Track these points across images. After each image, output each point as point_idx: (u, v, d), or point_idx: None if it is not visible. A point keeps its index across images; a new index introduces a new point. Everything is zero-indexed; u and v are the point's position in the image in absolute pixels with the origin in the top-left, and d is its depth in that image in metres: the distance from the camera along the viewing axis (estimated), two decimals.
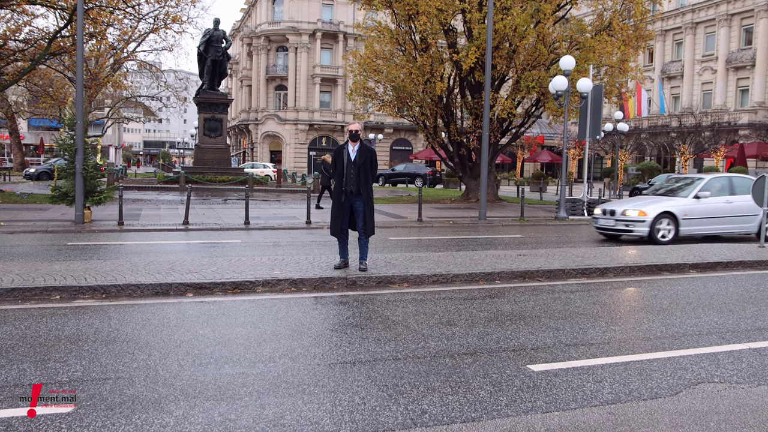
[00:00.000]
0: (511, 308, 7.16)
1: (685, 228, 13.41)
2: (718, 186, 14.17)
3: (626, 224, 13.50)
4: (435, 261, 9.75)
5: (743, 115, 44.71)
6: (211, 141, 34.09)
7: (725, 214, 13.79)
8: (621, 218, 13.61)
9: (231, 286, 7.77)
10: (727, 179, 14.53)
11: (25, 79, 30.05)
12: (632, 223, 13.39)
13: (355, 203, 8.47)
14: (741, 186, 14.30)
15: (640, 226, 13.29)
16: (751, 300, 7.89)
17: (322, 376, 4.76)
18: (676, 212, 13.41)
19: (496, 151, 27.56)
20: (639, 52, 27.43)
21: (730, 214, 13.77)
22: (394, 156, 59.80)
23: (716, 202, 13.82)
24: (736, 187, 14.20)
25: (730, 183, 14.35)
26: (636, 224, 13.34)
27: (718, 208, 13.81)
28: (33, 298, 7.15)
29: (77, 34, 15.75)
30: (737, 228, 14.12)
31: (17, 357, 5.06)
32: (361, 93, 25.69)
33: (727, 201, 13.84)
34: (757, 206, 13.24)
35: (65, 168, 15.76)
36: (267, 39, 59.60)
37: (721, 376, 4.93)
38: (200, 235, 14.34)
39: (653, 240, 13.14)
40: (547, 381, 4.72)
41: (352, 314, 6.86)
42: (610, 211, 14.01)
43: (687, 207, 13.59)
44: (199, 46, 33.86)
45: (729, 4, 46.60)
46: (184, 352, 5.28)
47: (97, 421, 3.86)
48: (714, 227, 13.91)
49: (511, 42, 22.43)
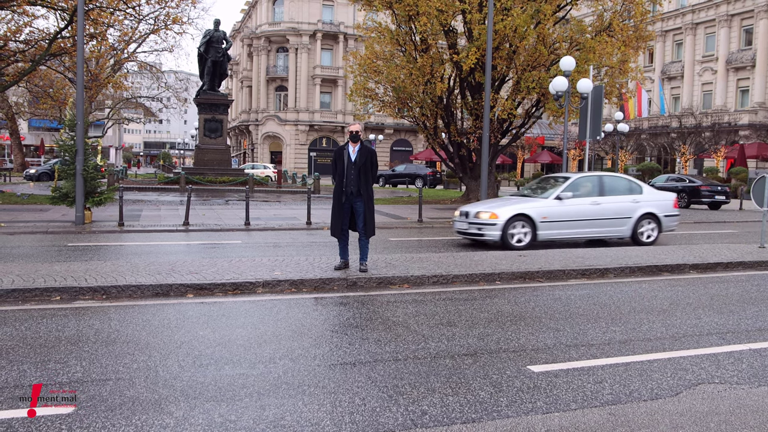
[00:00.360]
0: (512, 309, 7.16)
1: (544, 232, 12.21)
2: (584, 186, 13.15)
3: (479, 227, 12.25)
4: (435, 262, 9.75)
5: (743, 115, 44.70)
6: (212, 142, 34.08)
7: (592, 216, 12.64)
8: (474, 221, 12.35)
9: (231, 287, 7.77)
10: (597, 179, 13.45)
11: (26, 80, 30.07)
12: (484, 227, 12.13)
13: (356, 204, 8.48)
14: (612, 186, 13.36)
15: (491, 230, 12.01)
16: (751, 301, 7.88)
17: (323, 377, 4.76)
18: (532, 214, 12.14)
19: (497, 152, 27.56)
20: (639, 52, 27.43)
21: (599, 217, 12.66)
22: (394, 157, 59.82)
23: (581, 204, 12.67)
24: (606, 187, 13.19)
25: (600, 183, 13.26)
26: (487, 227, 12.07)
27: (584, 211, 12.63)
28: (33, 299, 7.16)
29: (78, 35, 15.76)
30: (608, 232, 13.00)
31: (17, 358, 5.06)
32: (362, 94, 25.69)
33: (595, 202, 12.70)
34: (630, 207, 12.91)
35: (65, 169, 15.76)
36: (267, 40, 59.63)
37: (721, 376, 4.92)
38: (200, 235, 14.34)
39: (506, 245, 11.90)
40: (547, 382, 4.72)
41: (352, 315, 6.86)
42: (465, 213, 12.80)
43: (546, 209, 12.34)
44: (200, 47, 33.87)
45: (729, 4, 46.60)
46: (185, 353, 5.29)
47: (97, 422, 3.86)
48: (579, 231, 12.74)
49: (512, 43, 22.43)
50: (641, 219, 13.00)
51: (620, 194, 13.17)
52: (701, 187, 26.77)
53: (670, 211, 13.56)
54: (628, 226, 12.95)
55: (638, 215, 12.95)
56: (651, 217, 13.10)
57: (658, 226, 13.20)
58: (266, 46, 59.79)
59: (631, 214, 12.91)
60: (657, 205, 13.31)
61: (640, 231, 13.01)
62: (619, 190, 13.30)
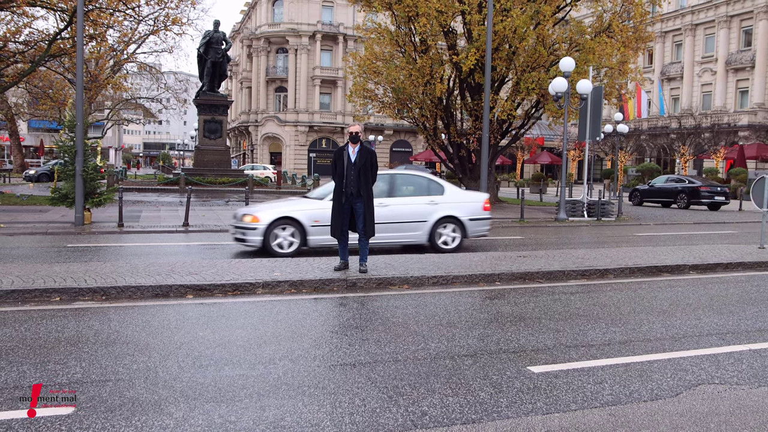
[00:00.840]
0: (511, 310, 7.16)
1: (316, 237, 10.85)
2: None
3: (243, 232, 11.09)
4: (435, 262, 9.74)
5: (743, 116, 44.74)
6: (211, 143, 34.09)
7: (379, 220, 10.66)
8: (239, 225, 11.23)
9: (231, 288, 7.77)
10: (388, 177, 11.96)
11: (25, 80, 30.05)
12: (247, 231, 10.98)
13: (356, 205, 8.48)
14: (406, 186, 12.11)
15: (252, 235, 10.88)
16: (751, 301, 7.88)
17: (323, 377, 4.76)
18: (300, 218, 10.88)
19: (496, 153, 27.58)
20: (638, 53, 27.45)
21: (386, 221, 11.12)
22: (394, 157, 59.82)
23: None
24: (399, 187, 11.89)
25: (391, 183, 11.85)
26: (250, 232, 10.93)
27: None
28: (33, 299, 7.15)
29: (77, 35, 15.77)
30: (398, 237, 11.66)
31: (17, 359, 5.06)
32: (361, 95, 25.69)
33: (382, 204, 11.01)
34: (427, 209, 11.69)
35: (65, 170, 15.76)
36: (267, 41, 59.65)
37: (721, 377, 4.92)
38: (200, 236, 14.34)
39: (269, 251, 10.73)
40: (547, 382, 4.72)
41: (352, 316, 6.86)
42: (235, 216, 11.73)
43: (319, 212, 10.75)
44: (199, 47, 33.89)
45: (728, 5, 46.65)
46: (184, 353, 5.28)
47: (97, 423, 3.86)
48: None
49: (511, 44, 22.44)
50: (440, 222, 11.70)
51: (415, 195, 11.93)
52: (701, 188, 26.80)
53: (477, 214, 12.19)
54: (424, 231, 11.65)
55: (436, 218, 11.64)
56: (452, 221, 11.80)
57: (462, 231, 11.86)
58: (266, 47, 59.81)
59: (427, 217, 11.62)
60: (461, 207, 11.95)
61: (439, 236, 11.71)
62: (415, 191, 12.04)
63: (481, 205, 12.46)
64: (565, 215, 19.88)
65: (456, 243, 11.84)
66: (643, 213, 24.32)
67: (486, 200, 12.75)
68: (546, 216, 21.26)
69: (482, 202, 12.58)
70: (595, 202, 20.94)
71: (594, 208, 20.65)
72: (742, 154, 39.25)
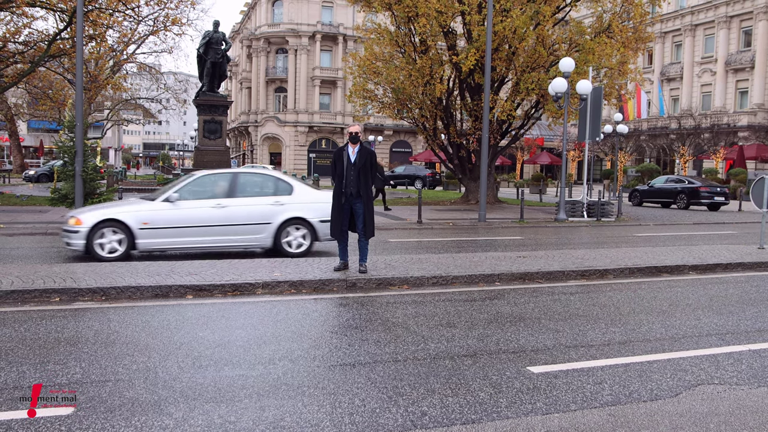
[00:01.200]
0: (511, 310, 7.16)
1: (145, 240, 10.24)
2: (210, 186, 11.17)
3: (68, 235, 10.31)
4: (435, 263, 9.75)
5: (742, 116, 44.76)
6: (211, 143, 34.02)
7: (216, 222, 10.57)
8: (65, 228, 10.45)
9: (231, 288, 7.77)
10: (230, 177, 11.36)
11: (25, 81, 30.05)
12: (71, 234, 10.18)
13: (355, 205, 8.48)
14: (249, 186, 11.36)
15: (76, 238, 10.08)
16: (750, 302, 7.89)
17: (322, 378, 4.76)
18: (127, 220, 10.15)
19: (496, 153, 27.59)
20: (638, 54, 27.46)
21: (225, 223, 10.56)
22: (393, 158, 59.83)
23: (200, 207, 10.60)
24: (240, 187, 11.12)
25: (233, 182, 11.13)
26: (73, 235, 10.13)
27: (203, 216, 10.54)
28: (32, 300, 7.15)
29: (77, 36, 15.78)
30: (239, 240, 10.88)
31: (17, 359, 5.06)
32: (361, 95, 25.70)
33: (219, 205, 10.58)
34: (271, 211, 10.82)
35: (65, 170, 15.76)
36: (267, 41, 59.66)
37: (721, 377, 4.93)
38: None
39: (93, 255, 9.98)
40: (547, 383, 4.72)
41: (351, 316, 6.86)
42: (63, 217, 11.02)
43: (149, 213, 10.32)
44: (199, 48, 33.82)
45: (728, 6, 46.67)
46: (184, 354, 5.28)
47: (97, 423, 3.86)
48: (198, 240, 10.56)
49: (511, 44, 22.45)
50: (286, 225, 10.90)
51: (260, 195, 11.18)
52: (700, 188, 26.82)
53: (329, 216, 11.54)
54: (268, 234, 10.82)
55: (281, 220, 10.83)
56: (301, 223, 10.97)
57: (312, 234, 11.01)
58: (265, 48, 59.82)
59: (271, 218, 10.80)
60: (311, 208, 11.03)
61: (285, 239, 10.90)
62: (259, 191, 11.31)
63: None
64: (565, 215, 19.89)
65: (306, 246, 11.01)
66: (643, 213, 24.32)
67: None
68: (546, 216, 21.26)
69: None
70: (595, 202, 20.94)
71: (594, 209, 20.66)
72: (742, 155, 39.26)
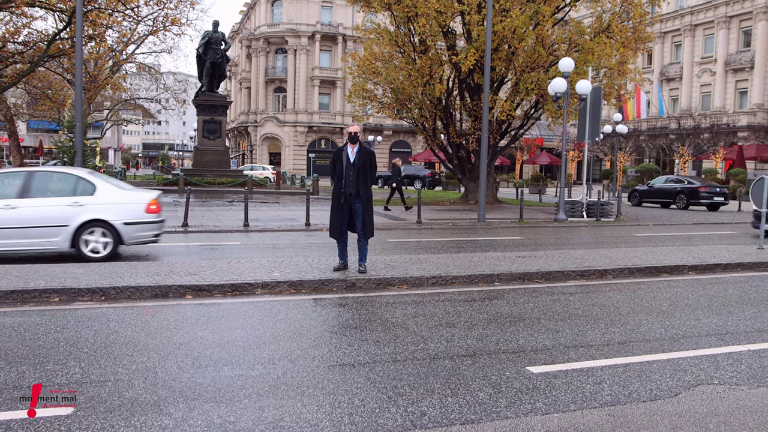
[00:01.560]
0: (511, 310, 7.16)
1: None
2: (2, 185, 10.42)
3: None
4: (434, 263, 9.75)
5: (742, 117, 44.77)
6: (210, 143, 34.07)
7: (6, 225, 9.82)
8: None
9: (230, 288, 7.77)
10: (24, 175, 10.54)
11: (24, 81, 29.99)
12: None
13: (354, 205, 8.48)
14: (45, 185, 10.59)
15: None
16: (750, 302, 7.89)
17: (322, 378, 4.76)
18: None
19: (495, 153, 27.58)
20: (638, 54, 27.46)
21: (13, 225, 9.81)
22: (393, 158, 59.78)
23: None
24: (36, 187, 10.35)
25: (27, 182, 10.33)
26: None
27: None
28: (32, 300, 7.15)
29: (76, 36, 15.78)
30: (30, 244, 10.04)
31: (16, 359, 5.06)
32: (360, 95, 25.68)
33: (8, 206, 9.85)
34: (68, 212, 10.08)
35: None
36: (266, 41, 59.63)
37: (720, 377, 4.93)
38: (199, 237, 14.34)
39: None
40: (546, 383, 4.72)
41: (351, 316, 6.86)
42: None
43: None
44: (198, 48, 33.88)
45: (728, 6, 46.68)
46: (183, 354, 5.28)
47: (96, 423, 3.86)
48: None
49: (510, 44, 22.45)
50: (85, 227, 10.13)
51: (57, 195, 10.41)
52: (700, 189, 26.82)
53: (137, 218, 10.61)
54: (65, 237, 10.03)
55: (79, 222, 10.07)
56: (101, 225, 10.24)
57: (115, 237, 10.28)
58: (265, 48, 59.80)
59: (68, 221, 10.03)
60: (114, 209, 10.37)
61: (86, 243, 10.14)
62: (57, 191, 10.53)
63: (144, 207, 10.79)
64: (564, 216, 19.89)
65: (108, 251, 10.23)
66: (642, 213, 24.32)
67: (152, 201, 10.99)
68: (545, 216, 21.26)
69: (146, 203, 10.87)
70: (594, 202, 20.95)
71: (593, 209, 20.66)
72: (741, 155, 39.28)
